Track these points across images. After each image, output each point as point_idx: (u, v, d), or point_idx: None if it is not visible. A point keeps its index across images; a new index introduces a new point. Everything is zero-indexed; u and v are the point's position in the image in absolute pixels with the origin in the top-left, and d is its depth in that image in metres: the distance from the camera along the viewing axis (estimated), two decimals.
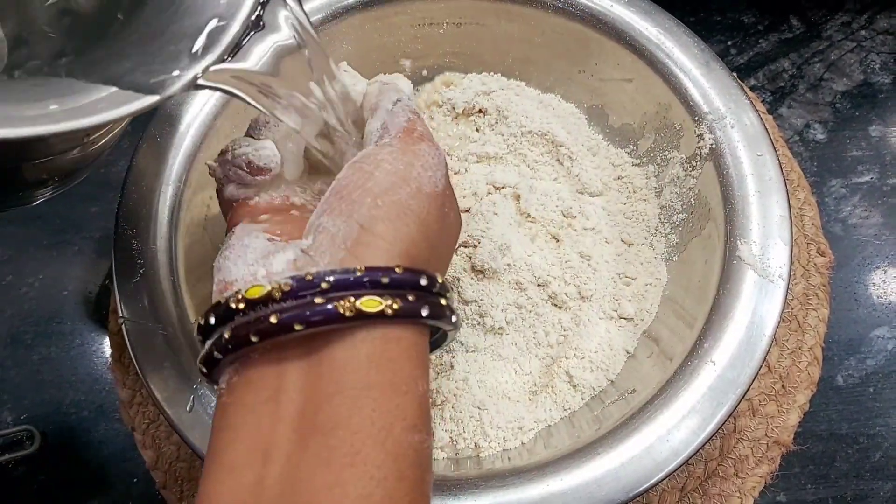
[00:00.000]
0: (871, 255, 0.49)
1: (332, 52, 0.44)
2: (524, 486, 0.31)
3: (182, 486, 0.42)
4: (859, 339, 0.46)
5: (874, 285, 0.48)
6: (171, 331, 0.34)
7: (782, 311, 0.33)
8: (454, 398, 0.38)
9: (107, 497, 0.43)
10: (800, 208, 0.49)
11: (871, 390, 0.44)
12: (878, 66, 0.55)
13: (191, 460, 0.42)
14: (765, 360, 0.33)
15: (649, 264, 0.41)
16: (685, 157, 0.40)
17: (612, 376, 0.38)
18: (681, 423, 0.31)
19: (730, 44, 0.56)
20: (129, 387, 0.44)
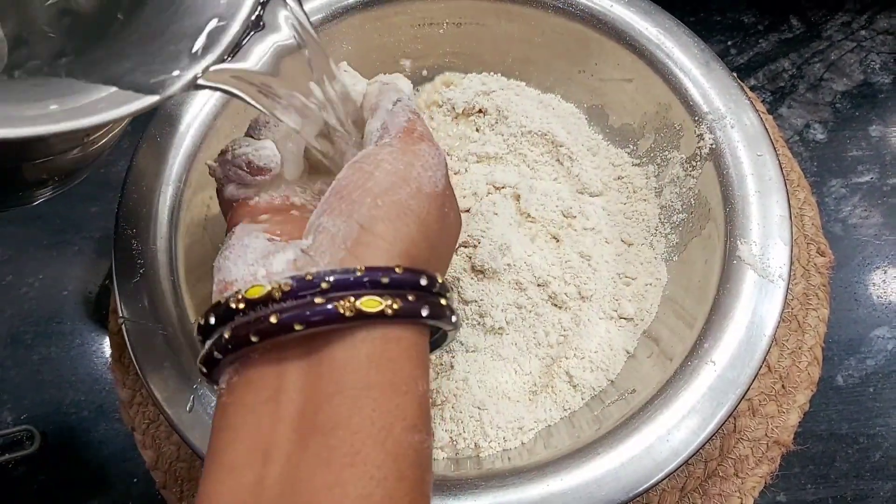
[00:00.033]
0: (871, 255, 0.49)
1: (332, 52, 0.44)
2: (524, 486, 0.31)
3: (182, 486, 0.42)
4: (859, 339, 0.46)
5: (874, 285, 0.48)
6: (171, 331, 0.34)
7: (782, 311, 0.33)
8: (454, 398, 0.38)
9: (107, 497, 0.43)
10: (800, 208, 0.49)
11: (871, 390, 0.44)
12: (878, 66, 0.55)
13: (191, 460, 0.42)
14: (765, 360, 0.33)
15: (649, 264, 0.41)
16: (685, 157, 0.40)
17: (612, 376, 0.38)
18: (681, 424, 0.31)
19: (730, 44, 0.56)
20: (129, 387, 0.44)
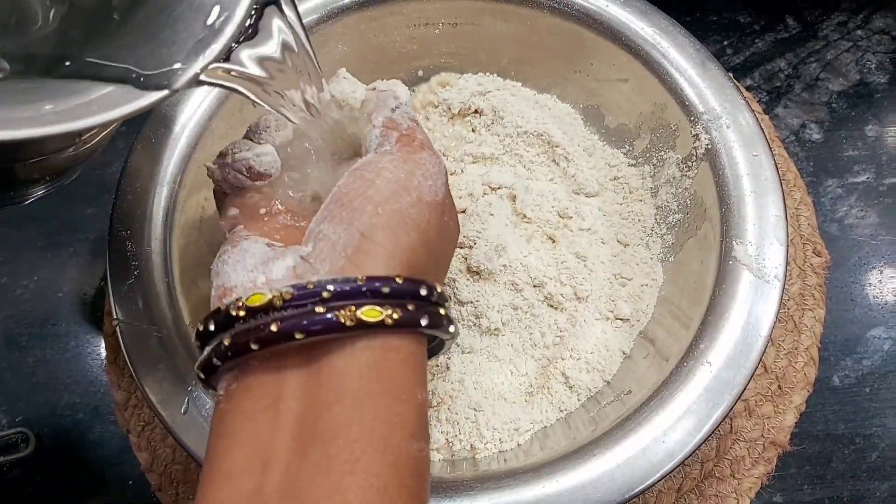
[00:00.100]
0: (867, 256, 0.49)
1: (328, 52, 0.44)
2: (520, 487, 0.31)
3: (177, 489, 0.42)
4: (855, 339, 0.46)
5: (870, 285, 0.48)
6: (165, 333, 0.34)
7: (778, 312, 0.33)
8: (450, 399, 0.38)
9: (102, 500, 0.43)
10: (796, 208, 0.49)
11: (868, 391, 0.44)
12: (874, 65, 0.55)
13: (186, 463, 0.42)
14: (761, 360, 0.32)
15: (645, 265, 0.41)
16: (681, 158, 0.40)
17: (609, 377, 0.38)
18: (677, 424, 0.31)
19: (726, 44, 0.56)
20: (125, 389, 0.44)
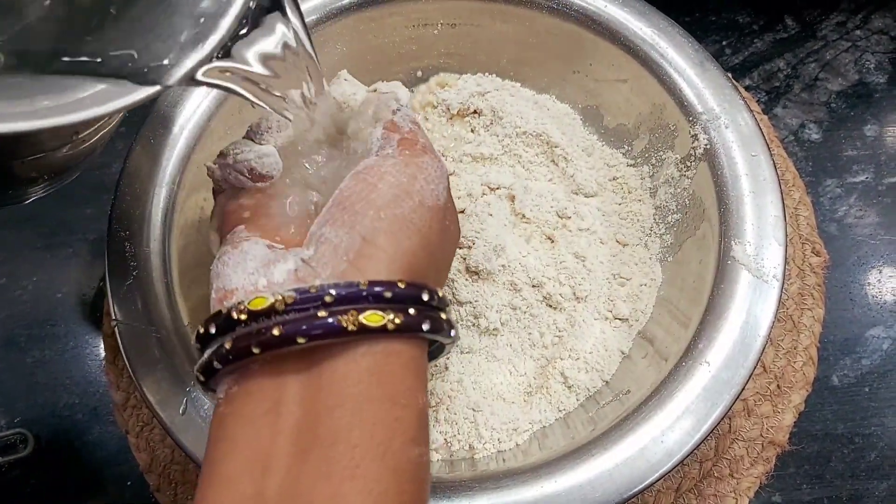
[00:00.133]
0: (866, 255, 0.49)
1: (327, 53, 0.44)
2: (518, 487, 0.31)
3: (176, 490, 0.42)
4: (855, 338, 0.46)
5: (869, 285, 0.48)
6: (164, 333, 0.34)
7: (777, 312, 0.33)
8: (448, 399, 0.38)
9: (101, 500, 0.43)
10: (795, 208, 0.49)
11: (867, 390, 0.44)
12: (872, 65, 0.55)
13: (185, 463, 0.42)
14: (759, 360, 0.32)
15: (644, 265, 0.41)
16: (680, 158, 0.40)
17: (607, 377, 0.38)
18: (675, 424, 0.31)
19: (725, 44, 0.56)
20: (123, 389, 0.44)
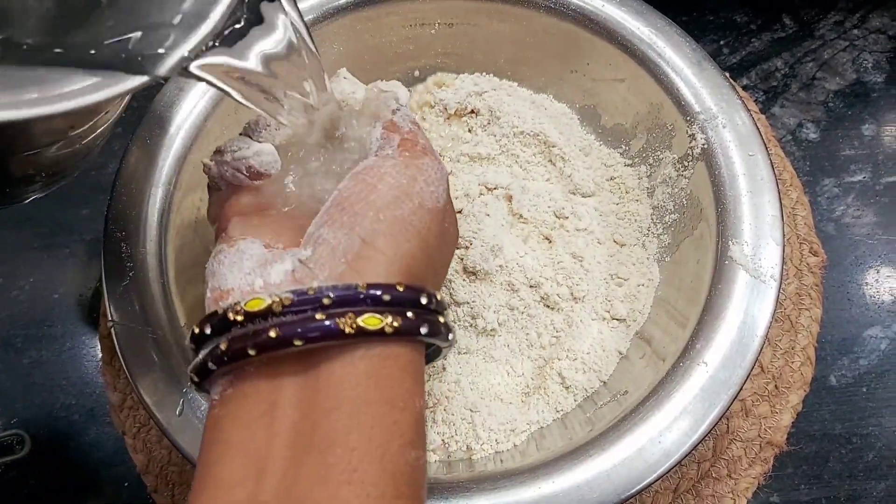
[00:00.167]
0: (863, 255, 0.49)
1: (324, 53, 0.43)
2: (516, 488, 0.31)
3: (173, 490, 0.41)
4: (852, 338, 0.46)
5: (867, 285, 0.48)
6: (160, 334, 0.34)
7: (774, 312, 0.33)
8: (446, 400, 0.38)
9: (98, 502, 0.43)
10: (792, 208, 0.48)
11: (865, 390, 0.44)
12: (870, 65, 0.55)
13: (182, 464, 0.42)
14: (757, 360, 0.32)
15: (641, 265, 0.41)
16: (677, 158, 0.40)
17: (605, 377, 0.38)
18: (673, 425, 0.31)
19: (722, 43, 0.56)
20: (120, 390, 0.44)
